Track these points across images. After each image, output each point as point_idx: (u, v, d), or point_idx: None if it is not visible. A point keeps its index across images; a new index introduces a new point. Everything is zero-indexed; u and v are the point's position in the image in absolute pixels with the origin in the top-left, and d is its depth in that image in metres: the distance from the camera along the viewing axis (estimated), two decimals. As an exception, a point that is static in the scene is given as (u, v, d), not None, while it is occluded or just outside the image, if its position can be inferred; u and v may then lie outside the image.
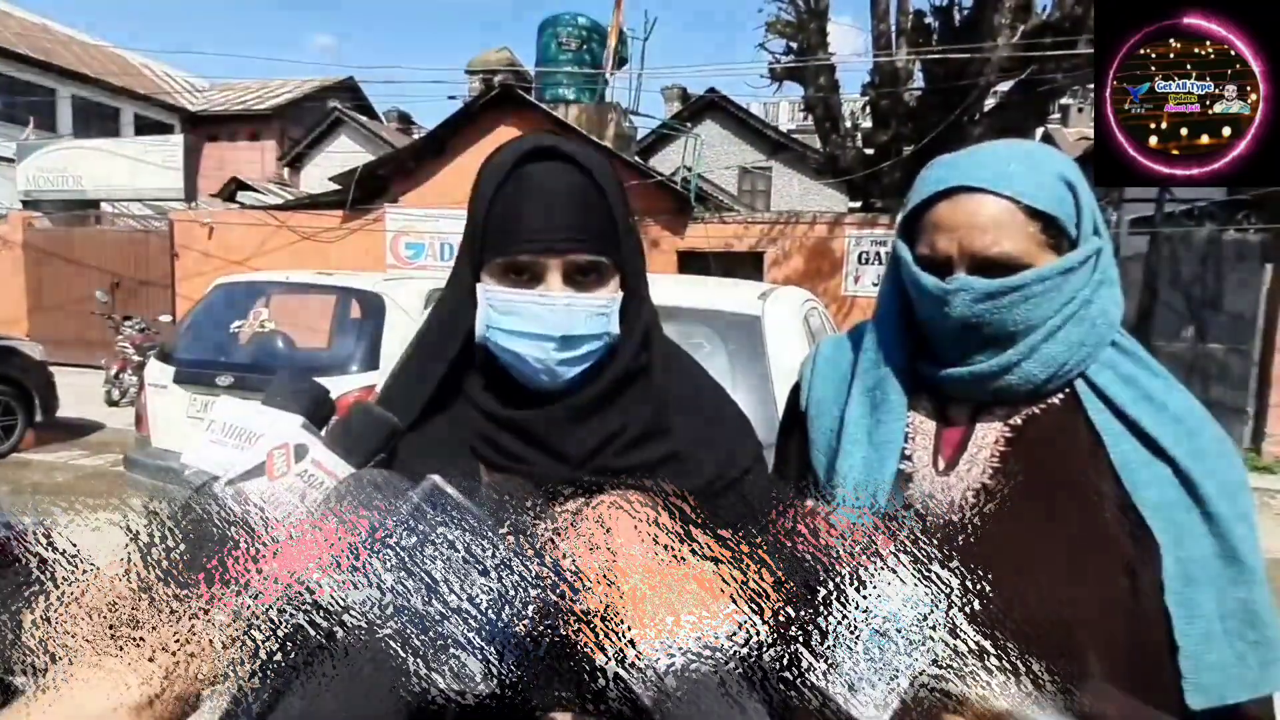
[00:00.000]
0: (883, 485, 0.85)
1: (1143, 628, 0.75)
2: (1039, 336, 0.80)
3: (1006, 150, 0.84)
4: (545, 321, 0.77)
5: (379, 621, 0.51)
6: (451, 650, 0.51)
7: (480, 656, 0.51)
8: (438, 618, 0.51)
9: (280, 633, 0.51)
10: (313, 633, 0.51)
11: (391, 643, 0.50)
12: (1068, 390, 0.84)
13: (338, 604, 0.51)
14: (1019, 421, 0.84)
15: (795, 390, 1.05)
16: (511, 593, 0.52)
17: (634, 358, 0.84)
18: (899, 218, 0.90)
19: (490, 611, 0.51)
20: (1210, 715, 0.74)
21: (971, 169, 0.82)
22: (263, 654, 0.50)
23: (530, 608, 0.52)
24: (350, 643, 0.51)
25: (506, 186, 0.79)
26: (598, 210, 0.79)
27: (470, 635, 0.51)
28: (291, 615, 0.51)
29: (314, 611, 0.51)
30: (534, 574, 0.53)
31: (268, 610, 0.51)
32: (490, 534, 0.53)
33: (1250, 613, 0.75)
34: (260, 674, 0.50)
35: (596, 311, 0.79)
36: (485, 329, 0.80)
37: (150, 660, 0.49)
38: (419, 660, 0.50)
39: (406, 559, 0.52)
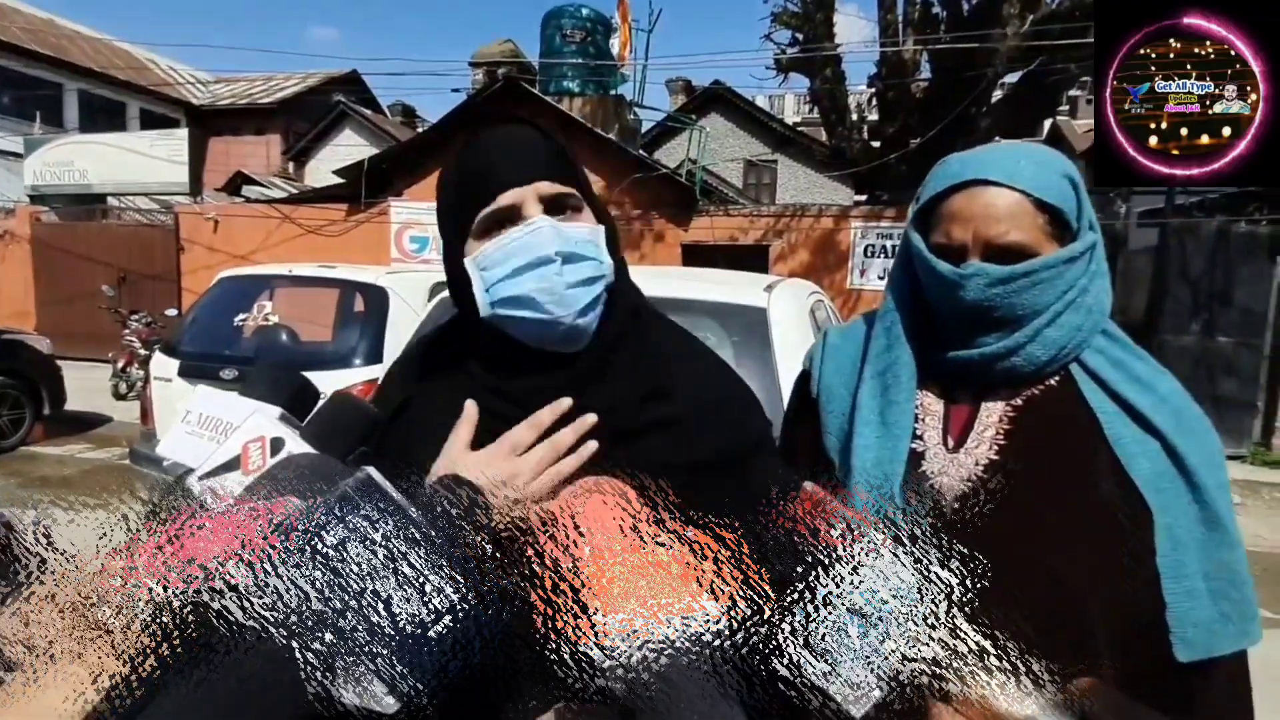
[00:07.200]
0: (896, 464, 0.90)
1: (1138, 589, 0.81)
2: (1043, 321, 0.86)
3: (1016, 150, 0.91)
4: (542, 245, 0.77)
5: (280, 622, 0.45)
6: (360, 666, 0.46)
7: (386, 675, 0.46)
8: (349, 626, 0.46)
9: (162, 624, 0.46)
10: (196, 628, 0.46)
11: (293, 648, 0.45)
12: (1063, 374, 0.90)
13: (234, 598, 0.45)
14: (1020, 402, 0.89)
15: (803, 378, 1.09)
16: (439, 605, 0.47)
17: (632, 304, 0.86)
18: (911, 210, 0.95)
19: (409, 625, 0.47)
20: (1195, 667, 0.80)
21: (985, 164, 0.88)
22: (139, 646, 0.45)
23: (462, 621, 0.48)
24: (241, 643, 0.46)
25: (471, 151, 0.83)
26: (558, 154, 0.83)
27: (382, 650, 0.46)
28: (178, 606, 0.46)
29: (201, 605, 0.46)
30: (475, 582, 0.49)
31: (153, 598, 0.46)
32: (424, 537, 0.49)
33: (1233, 572, 0.82)
34: (137, 670, 0.45)
35: (585, 237, 0.80)
36: (488, 302, 0.79)
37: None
38: (321, 672, 0.45)
39: (320, 556, 0.47)
